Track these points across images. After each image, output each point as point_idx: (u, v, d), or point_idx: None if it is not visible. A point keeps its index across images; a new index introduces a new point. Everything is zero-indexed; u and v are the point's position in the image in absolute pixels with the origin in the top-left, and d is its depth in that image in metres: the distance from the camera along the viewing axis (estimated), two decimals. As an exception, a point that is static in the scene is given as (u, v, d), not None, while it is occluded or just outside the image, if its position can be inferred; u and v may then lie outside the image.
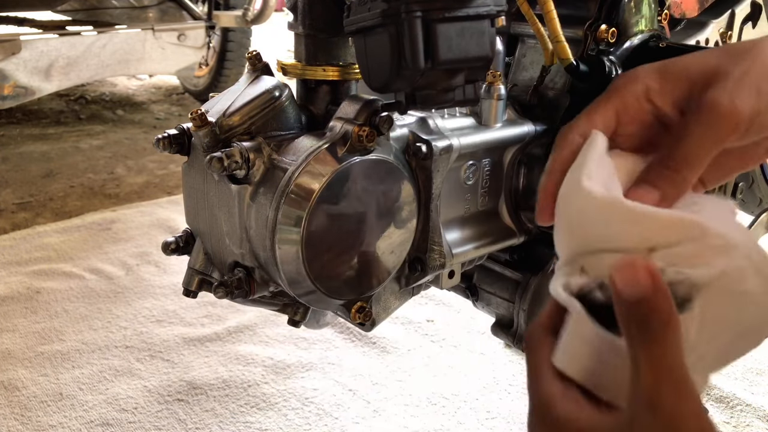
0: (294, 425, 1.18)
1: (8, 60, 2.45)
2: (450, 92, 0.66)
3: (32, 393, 1.26)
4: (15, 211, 2.18)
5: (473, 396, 1.27)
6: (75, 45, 2.65)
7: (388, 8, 0.60)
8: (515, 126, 0.81)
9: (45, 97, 2.99)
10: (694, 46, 0.95)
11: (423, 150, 0.72)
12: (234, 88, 0.73)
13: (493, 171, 0.82)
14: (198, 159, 0.71)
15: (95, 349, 1.39)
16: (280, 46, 3.97)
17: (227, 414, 1.21)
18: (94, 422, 1.18)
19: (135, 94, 3.85)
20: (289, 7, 0.73)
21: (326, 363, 1.35)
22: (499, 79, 0.78)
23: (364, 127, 0.65)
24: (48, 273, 1.71)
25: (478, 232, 0.82)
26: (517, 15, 0.83)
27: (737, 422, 1.20)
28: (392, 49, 0.62)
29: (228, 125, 0.68)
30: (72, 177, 2.50)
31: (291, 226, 0.64)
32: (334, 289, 0.69)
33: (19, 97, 2.57)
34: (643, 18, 0.84)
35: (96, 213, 2.12)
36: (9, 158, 2.70)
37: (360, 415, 1.21)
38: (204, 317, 1.52)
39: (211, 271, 0.75)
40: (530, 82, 0.85)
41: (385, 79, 0.64)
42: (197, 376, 1.30)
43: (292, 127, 0.71)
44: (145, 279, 1.69)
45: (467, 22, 0.63)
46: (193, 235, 0.76)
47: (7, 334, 1.44)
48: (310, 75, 0.73)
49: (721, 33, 0.99)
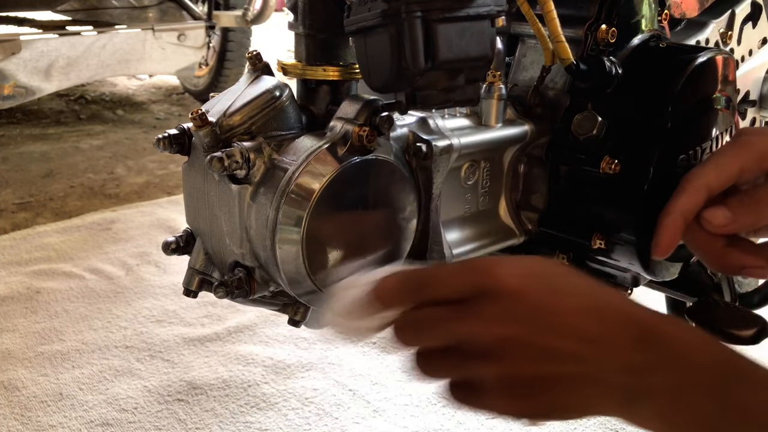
0: (294, 425, 1.18)
1: (8, 60, 2.45)
2: (450, 92, 0.66)
3: (32, 393, 1.26)
4: (15, 211, 2.18)
5: (473, 396, 1.27)
6: (75, 45, 2.65)
7: (388, 8, 0.60)
8: (515, 126, 0.81)
9: (45, 97, 2.99)
10: (694, 46, 0.95)
11: (423, 150, 0.72)
12: (234, 88, 0.73)
13: (494, 171, 0.82)
14: (198, 159, 0.71)
15: (95, 349, 1.39)
16: (280, 46, 3.97)
17: (227, 414, 1.21)
18: (94, 422, 1.18)
19: (135, 94, 3.85)
20: (290, 7, 0.73)
21: (326, 363, 1.35)
22: (499, 79, 0.78)
23: (365, 127, 0.65)
24: (48, 273, 1.71)
25: (478, 232, 0.82)
26: (517, 15, 0.83)
27: (737, 422, 1.20)
28: (392, 49, 0.62)
29: (228, 125, 0.68)
30: (72, 177, 2.50)
31: (291, 225, 0.64)
32: (334, 289, 0.69)
33: (19, 97, 2.57)
34: (644, 18, 0.84)
35: (96, 213, 2.12)
36: (9, 158, 2.70)
37: (360, 415, 1.21)
38: (204, 317, 1.52)
39: (211, 271, 0.75)
40: (530, 82, 0.85)
41: (386, 79, 0.64)
42: (197, 376, 1.30)
43: (293, 127, 0.71)
44: (145, 279, 1.69)
45: (467, 23, 0.63)
46: (193, 234, 0.76)
47: (7, 334, 1.44)
48: (311, 75, 0.73)
49: (721, 33, 0.99)
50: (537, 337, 0.46)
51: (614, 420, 1.19)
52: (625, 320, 0.48)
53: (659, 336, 0.47)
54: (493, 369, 0.47)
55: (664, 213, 0.64)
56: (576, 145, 0.80)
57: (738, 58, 1.04)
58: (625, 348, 0.46)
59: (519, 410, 0.48)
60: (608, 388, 0.46)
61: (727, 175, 0.62)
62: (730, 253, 0.64)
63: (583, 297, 0.49)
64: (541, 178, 0.84)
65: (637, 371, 0.46)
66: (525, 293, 0.47)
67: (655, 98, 0.78)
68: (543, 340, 0.46)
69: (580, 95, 0.81)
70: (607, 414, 0.48)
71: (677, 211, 0.63)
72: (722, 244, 0.64)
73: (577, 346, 0.46)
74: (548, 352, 0.46)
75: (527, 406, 0.48)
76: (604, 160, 0.77)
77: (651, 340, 0.47)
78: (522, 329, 0.46)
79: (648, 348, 0.47)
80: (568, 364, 0.46)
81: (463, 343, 0.48)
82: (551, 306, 0.47)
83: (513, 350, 0.46)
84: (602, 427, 1.19)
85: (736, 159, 0.62)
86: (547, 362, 0.46)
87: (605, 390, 0.46)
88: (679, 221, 0.63)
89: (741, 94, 1.05)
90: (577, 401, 0.47)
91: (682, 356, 0.47)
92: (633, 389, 0.46)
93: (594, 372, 0.46)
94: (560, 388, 0.47)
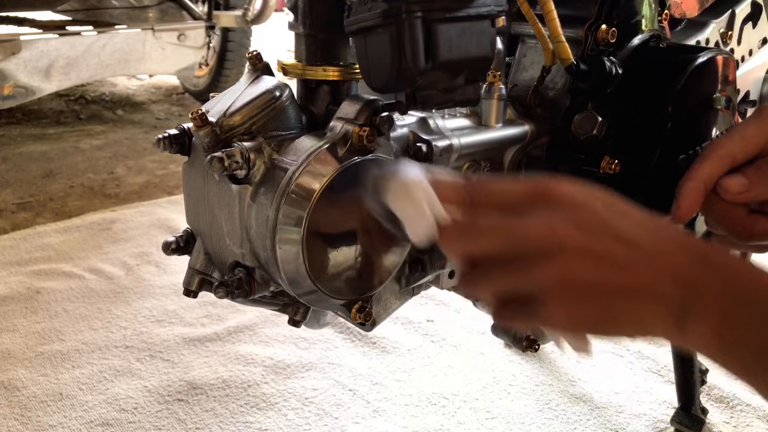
0: (294, 425, 1.18)
1: (8, 60, 2.45)
2: (450, 92, 0.66)
3: (32, 393, 1.25)
4: (15, 211, 2.18)
5: (473, 396, 1.27)
6: (75, 45, 2.65)
7: (388, 8, 0.60)
8: (515, 126, 0.81)
9: (45, 97, 2.98)
10: (694, 46, 0.95)
11: (423, 150, 0.72)
12: (234, 88, 0.73)
13: (494, 171, 0.82)
14: (198, 159, 0.71)
15: (95, 349, 1.39)
16: (280, 46, 3.97)
17: (227, 414, 1.21)
18: (94, 422, 1.18)
19: (135, 94, 3.85)
20: (290, 7, 0.73)
21: (326, 363, 1.35)
22: (499, 80, 0.78)
23: (365, 127, 0.65)
24: (48, 273, 1.71)
25: (479, 232, 0.82)
26: (517, 15, 0.83)
27: (737, 422, 1.20)
28: (393, 50, 0.62)
29: (228, 125, 0.68)
30: (72, 177, 2.50)
31: (291, 226, 0.64)
32: (334, 289, 0.69)
33: (19, 97, 2.57)
34: (644, 18, 0.84)
35: (96, 213, 2.12)
36: (9, 158, 2.69)
37: (360, 415, 1.22)
38: (204, 317, 1.52)
39: (211, 271, 0.75)
40: (530, 83, 0.85)
41: (386, 79, 0.64)
42: (197, 376, 1.30)
43: (293, 127, 0.71)
44: (145, 279, 1.69)
45: (468, 23, 0.63)
46: (193, 235, 0.76)
47: (7, 334, 1.44)
48: (311, 75, 0.73)
49: (722, 33, 0.99)
50: (596, 243, 0.47)
51: (615, 420, 1.19)
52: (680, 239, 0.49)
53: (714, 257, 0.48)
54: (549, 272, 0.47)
55: (686, 179, 0.64)
56: (576, 145, 0.80)
57: (738, 58, 1.04)
58: (680, 262, 0.47)
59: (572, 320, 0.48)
60: (663, 299, 0.47)
61: (752, 147, 0.62)
62: (756, 221, 0.64)
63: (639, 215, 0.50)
64: (541, 178, 0.84)
65: (691, 284, 0.47)
66: (586, 205, 0.48)
67: (655, 98, 0.78)
68: (601, 245, 0.47)
69: (580, 95, 0.81)
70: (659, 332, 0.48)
71: (699, 177, 0.63)
72: (744, 212, 0.64)
73: (634, 254, 0.47)
74: (605, 258, 0.47)
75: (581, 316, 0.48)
76: (604, 160, 0.77)
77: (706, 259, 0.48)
78: (582, 234, 0.47)
79: (703, 265, 0.48)
80: (624, 270, 0.47)
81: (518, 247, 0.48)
82: (609, 217, 0.48)
83: (572, 253, 0.47)
84: (602, 427, 1.19)
85: (762, 131, 0.62)
86: (604, 268, 0.46)
87: (660, 301, 0.47)
88: (700, 188, 0.63)
89: (741, 94, 1.05)
90: (630, 312, 0.47)
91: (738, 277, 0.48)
92: (687, 302, 0.47)
93: (648, 281, 0.47)
94: (615, 296, 0.47)
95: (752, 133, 0.63)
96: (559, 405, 1.24)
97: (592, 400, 1.25)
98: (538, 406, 1.24)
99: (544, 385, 1.29)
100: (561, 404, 1.24)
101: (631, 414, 1.22)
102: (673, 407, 1.19)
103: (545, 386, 1.29)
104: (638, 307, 0.47)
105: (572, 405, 1.24)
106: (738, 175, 0.62)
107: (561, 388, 1.29)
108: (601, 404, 1.24)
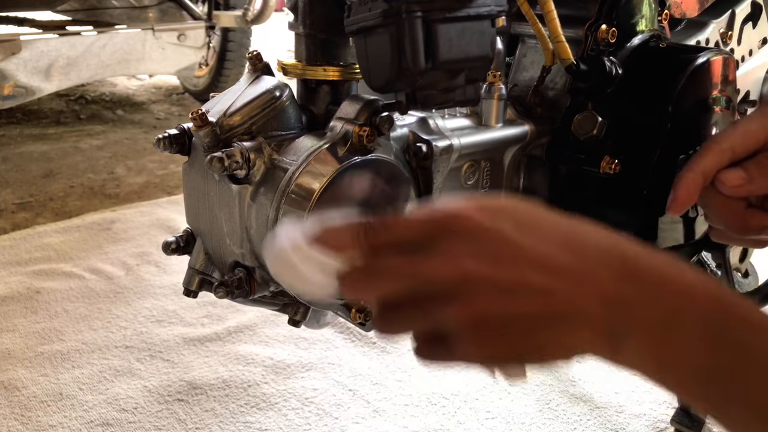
0: (294, 425, 1.18)
1: (8, 60, 2.44)
2: (450, 92, 0.66)
3: (32, 393, 1.25)
4: (15, 211, 2.18)
5: (473, 396, 1.27)
6: (75, 45, 2.65)
7: (388, 8, 0.60)
8: (515, 126, 0.81)
9: (45, 97, 2.98)
10: (694, 46, 0.95)
11: (423, 150, 0.72)
12: (234, 88, 0.74)
13: (494, 171, 0.82)
14: (198, 159, 0.71)
15: (95, 349, 1.39)
16: (280, 46, 3.97)
17: (227, 414, 1.21)
18: (94, 422, 1.18)
19: (135, 94, 3.85)
20: (290, 7, 0.73)
21: (326, 363, 1.35)
22: (499, 80, 0.78)
23: (365, 127, 0.65)
24: (48, 273, 1.71)
25: (479, 232, 0.82)
26: (517, 15, 0.83)
27: (737, 422, 1.20)
28: (393, 50, 0.62)
29: (229, 125, 0.68)
30: (72, 177, 2.50)
31: (291, 226, 0.64)
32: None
33: (19, 97, 2.56)
34: (644, 18, 0.84)
35: (96, 213, 2.12)
36: (9, 158, 2.69)
37: (360, 415, 1.22)
38: (204, 317, 1.52)
39: (211, 271, 0.75)
40: (530, 82, 0.85)
41: (386, 79, 0.64)
42: (197, 376, 1.30)
43: (293, 127, 0.71)
44: (145, 279, 1.69)
45: (468, 23, 0.63)
46: (193, 234, 0.76)
47: (7, 334, 1.44)
48: (311, 75, 0.73)
49: (722, 33, 0.99)
50: (506, 272, 0.43)
51: (615, 420, 1.19)
52: (604, 253, 0.45)
53: (644, 269, 0.44)
54: (459, 311, 0.43)
55: (685, 170, 0.63)
56: (576, 145, 0.80)
57: (738, 58, 1.04)
58: (605, 280, 0.43)
59: (490, 356, 0.45)
60: (588, 322, 0.43)
61: (753, 142, 0.62)
62: (752, 215, 0.64)
63: (555, 230, 0.45)
64: (541, 178, 0.84)
65: (620, 303, 0.43)
66: (493, 230, 0.44)
67: (655, 98, 0.78)
68: (512, 273, 0.43)
69: (580, 95, 0.81)
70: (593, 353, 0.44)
71: (698, 169, 0.62)
72: (742, 206, 0.64)
73: (547, 280, 0.43)
74: (518, 287, 0.42)
75: (499, 350, 0.44)
76: (604, 160, 0.77)
77: (635, 272, 0.44)
78: (486, 264, 0.42)
79: (631, 280, 0.43)
80: (539, 298, 0.42)
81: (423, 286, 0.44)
82: (518, 240, 0.43)
83: (477, 288, 0.42)
84: (602, 427, 1.19)
85: (764, 127, 0.62)
86: (518, 298, 0.42)
87: (585, 325, 0.43)
88: (699, 179, 0.62)
89: (741, 94, 1.05)
90: (555, 340, 0.44)
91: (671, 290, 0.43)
92: (617, 323, 0.43)
93: (570, 305, 0.43)
94: (535, 326, 0.43)
95: (754, 128, 0.62)
96: (559, 405, 1.24)
97: (593, 400, 1.25)
98: (538, 406, 1.24)
99: (544, 385, 1.29)
100: (561, 404, 1.24)
101: (631, 414, 1.22)
102: (673, 407, 1.19)
103: (545, 386, 1.29)
104: (562, 333, 0.43)
105: (572, 405, 1.24)
106: (737, 169, 0.62)
107: (561, 388, 1.29)
108: (601, 404, 1.24)
